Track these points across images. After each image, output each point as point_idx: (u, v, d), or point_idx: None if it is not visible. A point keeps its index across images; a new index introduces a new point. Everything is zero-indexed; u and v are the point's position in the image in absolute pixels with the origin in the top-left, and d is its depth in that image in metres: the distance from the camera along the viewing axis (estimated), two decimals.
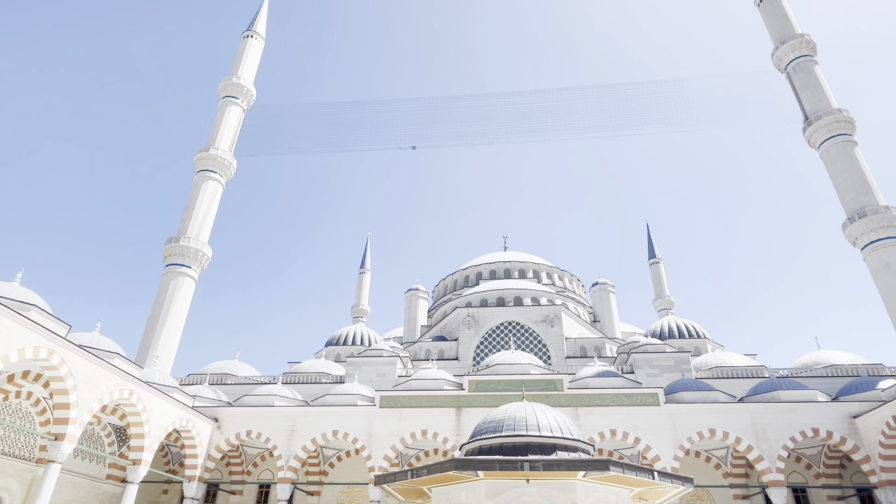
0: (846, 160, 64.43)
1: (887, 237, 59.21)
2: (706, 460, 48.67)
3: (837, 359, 55.06)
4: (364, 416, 45.97)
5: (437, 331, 71.91)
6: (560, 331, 65.84)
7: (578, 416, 44.38)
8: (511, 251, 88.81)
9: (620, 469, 19.76)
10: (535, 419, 22.62)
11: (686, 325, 70.65)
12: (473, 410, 45.22)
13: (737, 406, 44.44)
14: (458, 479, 21.48)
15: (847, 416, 42.72)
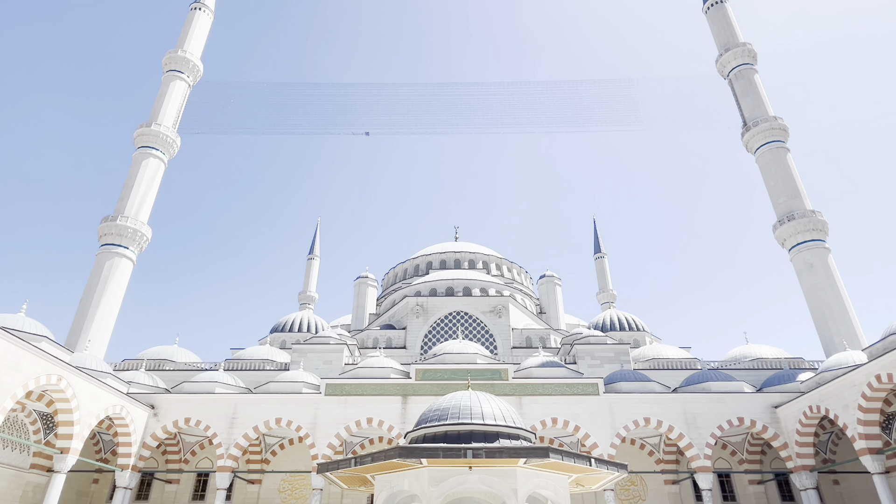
0: (779, 165, 68.20)
1: (812, 239, 63.29)
2: (640, 447, 50.89)
3: (763, 352, 58.56)
4: (309, 404, 45.47)
5: (385, 319, 71.75)
6: (507, 321, 66.98)
7: (522, 404, 45.43)
8: (462, 242, 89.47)
9: (559, 456, 20.43)
10: (479, 408, 23.03)
11: (627, 319, 73.30)
12: (420, 399, 45.51)
13: (671, 396, 46.64)
14: (402, 467, 21.64)
15: (769, 406, 45.61)
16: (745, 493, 49.04)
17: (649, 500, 48.62)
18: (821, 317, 59.26)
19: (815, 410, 41.32)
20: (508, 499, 20.70)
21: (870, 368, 36.59)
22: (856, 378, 37.76)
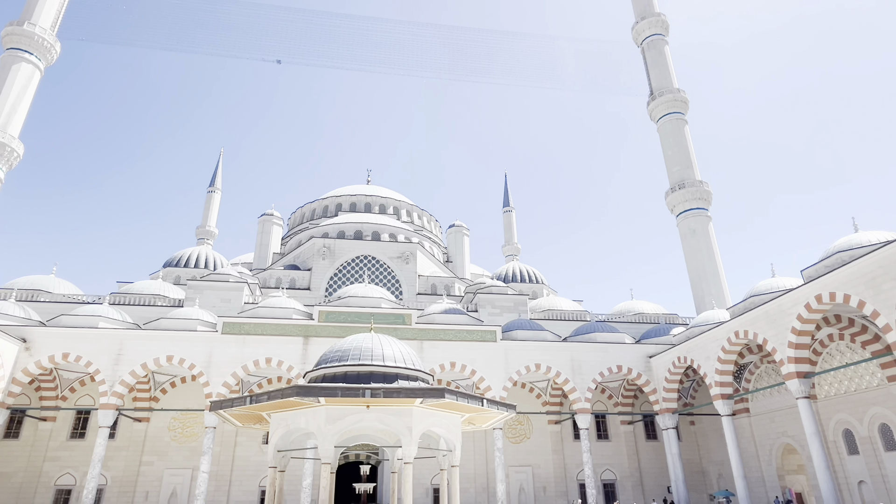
0: (676, 136, 72.73)
1: (697, 207, 68.93)
2: (530, 391, 54.64)
3: (645, 308, 64.04)
4: (204, 342, 43.96)
5: (290, 259, 69.96)
6: (414, 268, 67.78)
7: (423, 349, 46.84)
8: (373, 185, 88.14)
9: (454, 397, 21.48)
10: (380, 350, 23.47)
11: (528, 271, 76.76)
12: (322, 340, 45.48)
13: (561, 345, 50.10)
14: (299, 406, 21.75)
15: (645, 356, 50.45)
16: (617, 433, 54.55)
17: (533, 437, 52.73)
18: (696, 278, 65.52)
19: (682, 361, 46.30)
20: (403, 436, 21.58)
21: (730, 326, 41.32)
22: (718, 333, 42.55)
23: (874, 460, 37.71)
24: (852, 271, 31.24)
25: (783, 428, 44.56)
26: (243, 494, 45.86)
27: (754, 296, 42.80)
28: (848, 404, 39.82)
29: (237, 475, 46.52)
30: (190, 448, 46.94)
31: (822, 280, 33.24)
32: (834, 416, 40.85)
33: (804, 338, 35.45)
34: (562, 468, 51.90)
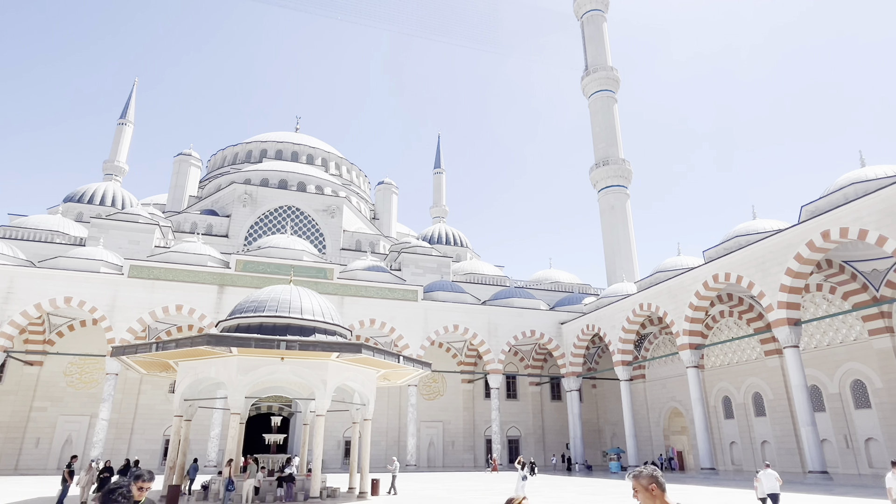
0: (605, 114, 74.91)
1: (617, 185, 71.93)
2: (446, 350, 56.10)
3: (561, 277, 66.87)
4: (107, 285, 41.39)
5: (208, 204, 66.51)
6: (340, 223, 66.61)
7: (344, 304, 46.62)
8: (302, 134, 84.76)
9: (371, 353, 21.71)
10: (298, 302, 23.13)
11: (454, 234, 77.62)
12: (238, 290, 44.10)
13: (480, 308, 51.55)
14: (210, 355, 21.18)
15: (557, 322, 53.00)
16: (525, 393, 57.46)
17: (447, 395, 54.49)
18: (610, 252, 69.03)
19: (591, 329, 49.12)
20: (317, 389, 21.64)
21: (636, 298, 44.15)
22: (624, 305, 45.36)
23: (745, 424, 42.26)
24: (746, 255, 34.11)
25: (672, 393, 48.75)
26: (146, 443, 44.44)
27: (660, 272, 45.80)
28: (729, 374, 44.09)
29: (140, 424, 44.90)
30: (88, 394, 44.60)
31: (720, 261, 36.09)
32: (717, 384, 45.15)
33: (699, 313, 38.57)
34: (471, 424, 54.19)
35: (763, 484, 14.94)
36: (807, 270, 31.09)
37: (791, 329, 30.89)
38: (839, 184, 33.18)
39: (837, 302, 36.34)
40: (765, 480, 14.96)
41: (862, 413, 34.42)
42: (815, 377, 36.90)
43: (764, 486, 14.91)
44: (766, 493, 14.83)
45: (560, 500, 21.47)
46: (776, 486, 14.87)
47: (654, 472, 3.55)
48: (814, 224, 29.91)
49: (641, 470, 3.64)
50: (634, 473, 3.66)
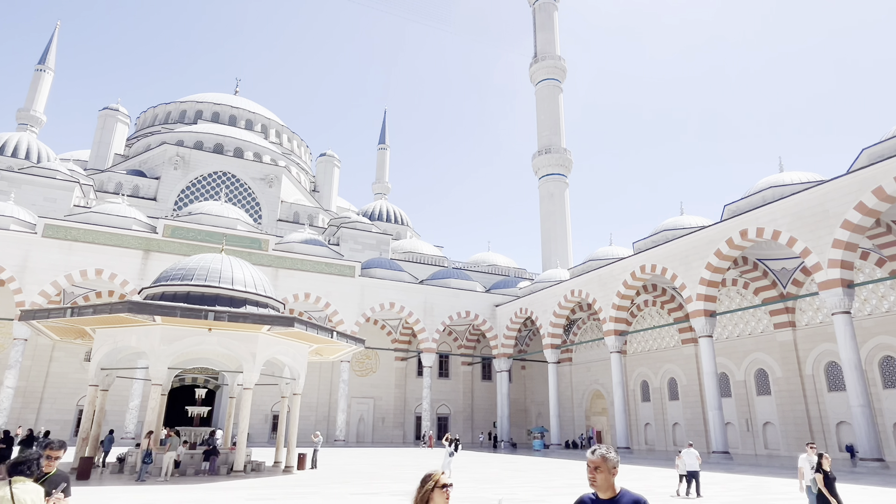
0: (550, 102, 76.13)
1: (558, 173, 73.60)
2: (381, 328, 56.09)
3: (498, 260, 68.07)
4: (18, 244, 38.45)
5: (135, 164, 62.64)
6: (278, 193, 64.63)
7: (279, 276, 45.53)
8: (242, 97, 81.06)
9: (304, 327, 21.34)
10: (229, 272, 22.32)
11: (395, 211, 77.14)
12: (166, 257, 42.12)
13: (417, 287, 51.75)
14: (131, 323, 20.16)
15: (492, 304, 54.07)
16: (457, 372, 58.52)
17: (379, 372, 54.64)
18: (547, 238, 70.84)
19: (524, 312, 50.45)
20: (246, 362, 21.12)
21: (568, 284, 45.67)
22: (557, 291, 46.83)
23: (660, 407, 44.96)
24: (672, 248, 35.95)
25: (596, 376, 51.07)
26: (57, 413, 42.01)
27: (592, 260, 47.51)
28: (649, 360, 46.64)
29: (51, 392, 42.35)
30: None
31: (648, 253, 37.86)
32: (637, 369, 47.66)
33: (626, 301, 40.42)
34: (402, 401, 54.70)
35: (685, 461, 16.06)
36: (725, 266, 33.16)
37: (707, 320, 32.97)
38: (759, 186, 35.42)
39: (749, 297, 39.06)
40: (686, 458, 16.09)
41: (763, 399, 37.42)
42: (724, 365, 39.67)
43: (686, 463, 16.04)
44: (686, 469, 15.96)
45: (485, 475, 22.18)
46: (696, 464, 16.01)
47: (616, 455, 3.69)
48: (734, 223, 31.86)
49: (611, 451, 3.62)
50: (604, 453, 3.58)
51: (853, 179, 26.28)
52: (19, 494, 4.16)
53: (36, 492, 4.33)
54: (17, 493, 4.15)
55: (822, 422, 33.88)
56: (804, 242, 27.91)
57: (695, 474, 15.93)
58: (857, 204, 25.84)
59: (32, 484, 4.33)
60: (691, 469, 15.92)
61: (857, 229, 26.18)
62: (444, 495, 3.49)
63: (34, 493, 4.30)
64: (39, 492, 4.38)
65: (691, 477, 15.97)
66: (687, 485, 16.10)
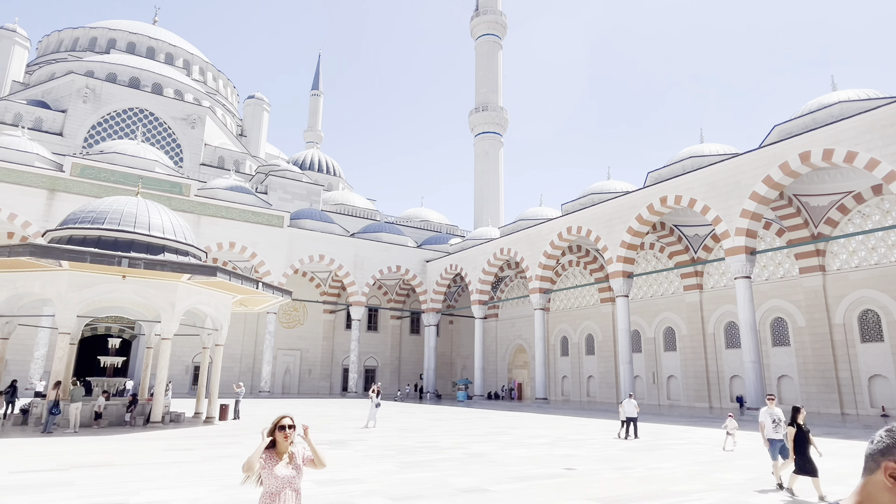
0: (489, 59, 75.46)
1: (493, 132, 73.84)
2: (310, 280, 55.27)
3: (431, 216, 68.20)
4: None
5: (37, 93, 56.71)
6: (201, 135, 60.87)
7: (201, 224, 43.48)
8: (161, 28, 74.53)
9: (227, 277, 20.62)
10: (146, 217, 21.00)
11: (327, 162, 74.94)
12: (74, 198, 39.04)
13: (348, 240, 51.10)
14: (35, 267, 18.68)
15: (423, 260, 54.44)
16: (386, 326, 59.02)
17: (307, 324, 54.15)
18: (480, 196, 71.54)
19: (454, 268, 51.21)
20: (164, 311, 20.25)
21: (497, 243, 46.63)
22: (486, 248, 47.75)
23: (577, 361, 47.61)
24: (597, 211, 37.37)
25: (520, 332, 53.14)
26: None
27: (522, 220, 48.59)
28: (570, 317, 48.96)
29: None
30: None
31: (575, 215, 39.18)
32: (558, 325, 49.96)
33: (551, 260, 41.90)
34: (330, 354, 54.71)
35: (626, 409, 18.58)
36: (644, 230, 34.95)
37: (625, 280, 34.87)
38: (680, 156, 37.19)
39: (664, 260, 41.55)
40: (627, 407, 18.61)
41: (669, 355, 40.47)
42: (637, 323, 42.37)
43: (626, 410, 18.55)
44: (626, 416, 18.49)
45: (409, 424, 22.84)
46: (634, 412, 18.54)
47: None
48: (655, 190, 33.45)
49: None
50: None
51: (763, 154, 28.13)
52: None
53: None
54: None
55: (718, 376, 37.23)
56: (716, 211, 29.82)
57: (634, 420, 18.42)
58: (765, 177, 27.78)
59: None
60: (630, 415, 18.43)
61: (763, 201, 28.23)
62: (283, 435, 3.96)
63: None
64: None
65: (630, 422, 18.41)
66: (626, 429, 18.43)
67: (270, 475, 3.89)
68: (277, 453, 3.98)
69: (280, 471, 3.90)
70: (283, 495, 3.89)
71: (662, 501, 8.88)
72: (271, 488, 3.88)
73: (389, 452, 14.26)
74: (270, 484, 3.88)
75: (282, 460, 3.96)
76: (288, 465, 3.96)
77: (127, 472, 10.80)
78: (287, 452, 4.00)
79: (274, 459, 3.95)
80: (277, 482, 3.88)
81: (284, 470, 3.92)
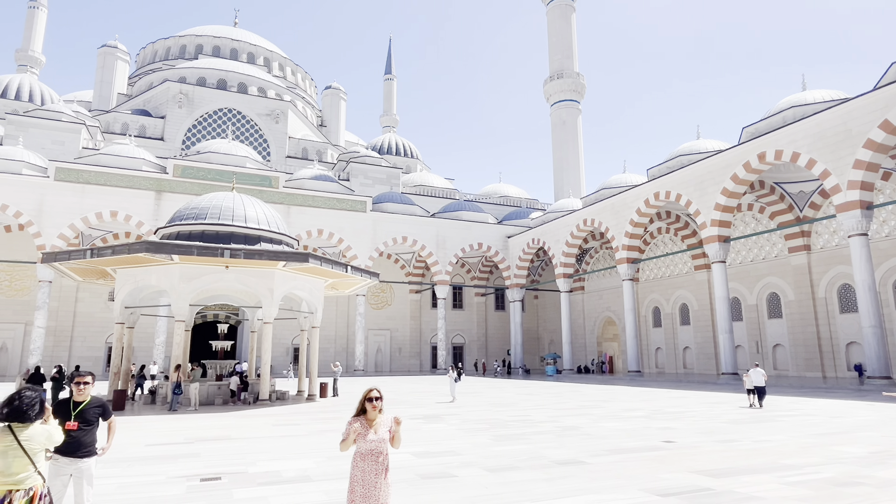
0: (563, 24, 72.69)
1: (570, 99, 71.40)
2: (395, 262, 56.75)
3: (510, 191, 67.49)
4: (32, 188, 38.78)
5: (139, 103, 61.76)
6: (285, 129, 63.73)
7: (290, 213, 45.74)
8: (242, 29, 78.34)
9: (318, 262, 21.64)
10: (242, 210, 22.45)
11: (404, 144, 75.99)
12: (177, 197, 42.34)
13: (428, 220, 51.80)
14: (150, 262, 20.56)
15: (504, 236, 54.17)
16: (471, 303, 59.57)
17: (394, 305, 55.80)
18: (559, 167, 69.75)
19: (536, 242, 50.55)
20: (264, 297, 21.63)
21: (580, 214, 45.39)
22: (569, 220, 46.63)
23: (671, 332, 45.72)
24: (687, 174, 35.28)
25: (608, 304, 51.74)
26: (87, 350, 43.86)
27: (605, 188, 46.92)
28: (661, 287, 46.97)
29: (80, 331, 44.02)
30: (21, 302, 42.98)
31: (662, 180, 37.23)
32: (649, 295, 48.12)
33: (639, 229, 40.23)
34: (418, 332, 56.16)
35: (752, 378, 18.12)
36: (741, 190, 32.59)
37: (721, 245, 32.83)
38: (780, 107, 34.14)
39: (765, 221, 38.63)
40: (753, 376, 18.13)
41: (774, 322, 37.83)
42: (736, 290, 39.88)
43: (753, 380, 18.09)
44: (753, 385, 18.08)
45: (500, 398, 23.06)
46: (762, 381, 18.04)
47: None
48: (752, 146, 31.00)
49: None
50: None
51: (879, 96, 25.20)
52: (29, 445, 3.94)
53: (44, 434, 4.09)
54: (24, 441, 3.92)
55: (831, 343, 34.36)
56: (824, 164, 27.20)
57: (761, 389, 18.00)
58: (882, 122, 24.92)
59: (36, 427, 4.04)
60: (757, 384, 18.04)
61: (880, 148, 25.39)
62: (372, 406, 4.58)
63: (42, 437, 4.06)
64: (48, 432, 4.13)
65: (758, 391, 18.05)
66: (756, 397, 18.08)
67: (363, 440, 4.51)
68: (368, 421, 4.60)
69: (371, 436, 4.53)
70: (371, 457, 4.51)
71: (773, 474, 8.38)
72: (362, 450, 4.52)
73: (483, 426, 14.47)
74: (362, 446, 4.52)
75: (372, 427, 4.58)
76: (376, 432, 4.56)
77: (243, 444, 11.74)
78: (376, 421, 4.61)
79: (366, 427, 4.57)
80: (368, 445, 4.51)
81: (374, 436, 4.54)
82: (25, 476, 3.90)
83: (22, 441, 3.90)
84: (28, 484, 3.90)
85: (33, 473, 3.94)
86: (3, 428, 3.93)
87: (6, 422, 3.94)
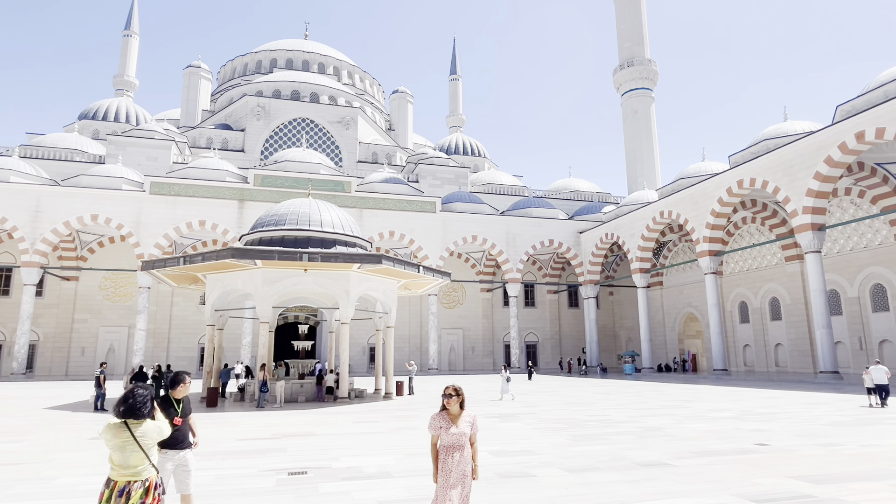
0: (631, 8, 70.14)
1: (642, 87, 68.79)
2: (465, 261, 56.94)
3: (580, 186, 65.94)
4: (131, 202, 42.12)
5: (221, 118, 65.64)
6: (355, 134, 65.58)
7: (363, 216, 47.01)
8: (312, 41, 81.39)
9: (391, 263, 22.13)
10: (318, 215, 23.35)
11: (471, 143, 76.10)
12: (257, 205, 44.61)
13: (498, 218, 51.57)
14: (236, 268, 21.82)
15: (576, 231, 52.98)
16: (543, 300, 58.73)
17: (466, 303, 55.99)
18: (632, 159, 67.34)
19: (609, 237, 49.08)
20: (340, 299, 22.38)
21: (656, 206, 43.59)
22: (644, 213, 44.90)
23: (760, 328, 42.97)
24: (773, 159, 33.01)
25: (689, 299, 49.36)
26: (182, 350, 47.13)
27: (683, 178, 44.81)
28: (748, 280, 44.25)
29: (175, 333, 47.39)
30: (124, 307, 46.85)
31: (746, 166, 35.04)
32: (734, 290, 45.46)
33: (721, 219, 38.10)
34: (490, 331, 56.05)
35: (873, 375, 17.26)
36: (836, 174, 30.12)
37: (814, 234, 30.49)
38: (880, 80, 31.24)
39: (865, 206, 35.49)
40: (875, 374, 17.29)
41: (879, 316, 34.66)
42: (834, 281, 36.89)
43: (874, 377, 17.21)
44: (875, 383, 17.16)
45: (577, 397, 22.58)
46: (885, 378, 17.10)
47: None
48: (848, 125, 28.55)
49: None
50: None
51: None
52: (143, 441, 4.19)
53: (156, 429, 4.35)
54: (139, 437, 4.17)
55: None
56: None
57: (884, 387, 17.03)
58: None
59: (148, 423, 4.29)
60: (879, 383, 17.09)
61: None
62: (448, 401, 4.85)
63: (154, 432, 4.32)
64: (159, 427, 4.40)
65: (880, 390, 17.10)
66: (879, 396, 17.24)
67: (446, 433, 4.80)
68: (450, 416, 4.88)
69: (452, 430, 4.81)
70: (454, 449, 4.77)
71: (885, 482, 7.66)
72: (445, 443, 4.80)
73: (560, 426, 14.22)
74: (444, 439, 4.80)
75: (454, 423, 4.83)
76: (458, 426, 4.82)
77: (326, 440, 12.18)
78: (459, 416, 4.88)
79: (447, 421, 4.85)
80: (450, 438, 4.79)
81: (455, 429, 4.81)
82: (142, 468, 4.19)
83: (137, 436, 4.17)
84: (144, 476, 4.20)
85: (148, 466, 4.23)
86: (120, 424, 4.20)
87: (122, 419, 4.22)
